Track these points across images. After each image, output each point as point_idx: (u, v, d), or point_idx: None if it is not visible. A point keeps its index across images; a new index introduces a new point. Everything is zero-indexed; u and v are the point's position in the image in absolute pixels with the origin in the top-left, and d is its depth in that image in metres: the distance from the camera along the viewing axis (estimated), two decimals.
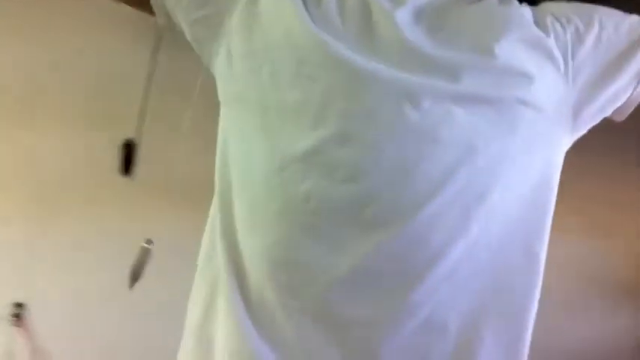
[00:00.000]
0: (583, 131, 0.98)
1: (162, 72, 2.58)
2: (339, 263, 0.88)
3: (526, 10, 0.96)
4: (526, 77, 0.90)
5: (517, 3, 0.97)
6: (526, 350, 0.94)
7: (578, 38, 0.94)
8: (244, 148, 0.96)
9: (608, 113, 0.98)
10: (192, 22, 1.01)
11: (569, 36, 0.93)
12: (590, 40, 0.94)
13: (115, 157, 2.49)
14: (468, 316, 0.89)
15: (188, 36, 1.03)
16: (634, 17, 0.99)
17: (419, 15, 0.95)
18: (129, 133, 2.50)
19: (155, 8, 1.07)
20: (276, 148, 0.93)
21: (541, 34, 0.93)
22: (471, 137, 0.88)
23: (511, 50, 0.90)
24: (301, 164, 0.91)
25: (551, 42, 0.92)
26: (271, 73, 0.93)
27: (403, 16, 0.94)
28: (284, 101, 0.93)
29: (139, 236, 2.55)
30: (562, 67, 0.92)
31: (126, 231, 2.54)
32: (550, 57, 0.92)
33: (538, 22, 0.94)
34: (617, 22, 0.98)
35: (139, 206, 2.56)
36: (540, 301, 0.95)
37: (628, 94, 0.97)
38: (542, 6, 0.99)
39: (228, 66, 0.98)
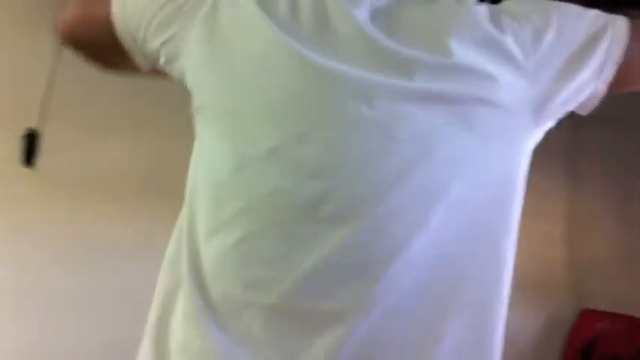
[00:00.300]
0: (547, 126, 1.00)
1: (67, 61, 2.51)
2: (305, 258, 0.89)
3: (482, 8, 0.98)
4: (482, 75, 0.92)
5: (473, 2, 0.99)
6: (496, 346, 0.95)
7: (538, 35, 0.96)
8: (210, 152, 0.98)
9: (571, 107, 1.00)
10: (161, 46, 1.02)
11: (527, 33, 0.95)
12: (549, 36, 0.96)
13: (16, 148, 2.42)
14: (433, 308, 0.91)
15: (161, 61, 1.03)
16: (593, 12, 1.02)
17: (375, 15, 0.97)
18: (31, 123, 2.44)
19: (131, 50, 1.07)
20: (239, 148, 0.95)
21: (497, 32, 0.94)
22: (428, 135, 0.90)
23: (466, 49, 0.92)
24: (264, 163, 0.92)
25: (508, 40, 0.94)
26: (231, 77, 0.96)
27: (361, 13, 0.96)
28: (245, 103, 0.95)
29: (39, 226, 2.48)
30: (522, 64, 0.94)
31: (26, 221, 2.47)
32: (508, 55, 0.93)
33: (494, 21, 0.96)
34: (577, 17, 1.00)
35: (40, 197, 2.49)
36: None
37: (590, 88, 0.99)
38: (502, 5, 1.01)
39: (194, 76, 1.00)
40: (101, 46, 1.09)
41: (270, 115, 0.94)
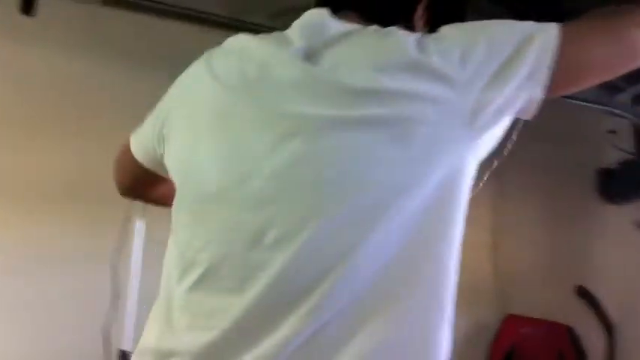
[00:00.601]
0: (487, 136, 1.04)
1: None
2: (256, 283, 0.97)
3: (410, 39, 1.03)
4: (411, 96, 0.98)
5: (398, 32, 1.06)
6: (438, 351, 1.00)
7: (466, 52, 1.00)
8: (176, 203, 1.13)
9: (509, 114, 1.05)
10: (162, 154, 1.20)
11: (455, 52, 1.00)
12: (478, 51, 1.01)
13: None
14: (368, 320, 0.96)
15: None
16: (525, 23, 1.07)
17: (311, 54, 1.05)
18: None
19: (152, 167, 1.27)
20: (195, 195, 1.08)
21: (423, 56, 1.00)
22: (365, 158, 0.97)
23: (393, 76, 0.99)
24: (215, 205, 1.04)
25: (434, 61, 0.99)
26: (193, 143, 1.11)
27: (296, 54, 1.05)
28: (200, 163, 1.08)
29: None
30: (451, 81, 0.98)
31: None
32: (436, 75, 0.99)
33: (420, 47, 1.01)
34: (506, 30, 1.06)
35: None
36: None
37: (526, 95, 1.03)
38: (436, 32, 1.07)
39: (170, 161, 1.17)
40: (141, 181, 1.34)
41: (219, 162, 1.05)
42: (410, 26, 1.15)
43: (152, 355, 1.06)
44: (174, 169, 1.15)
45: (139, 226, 1.97)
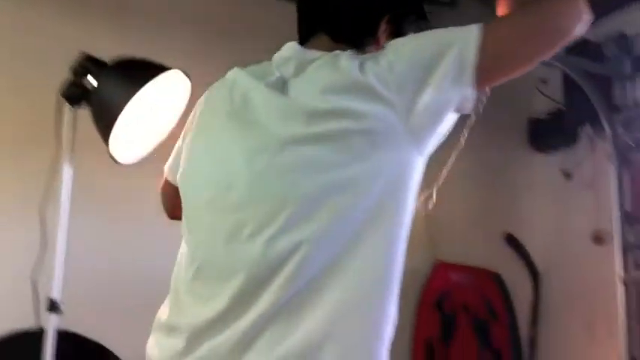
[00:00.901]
0: (429, 137, 1.17)
1: None
2: (239, 273, 1.15)
3: (353, 62, 1.19)
4: (355, 113, 1.14)
5: (349, 56, 1.21)
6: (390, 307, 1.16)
7: (392, 68, 1.15)
8: (182, 210, 1.36)
9: (445, 115, 1.16)
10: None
11: (385, 70, 1.15)
12: (402, 64, 1.15)
13: None
14: (322, 302, 1.11)
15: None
16: (447, 29, 1.19)
17: (279, 83, 1.26)
18: None
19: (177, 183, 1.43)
20: (191, 204, 1.33)
21: (362, 77, 1.15)
22: (318, 166, 1.15)
23: (339, 96, 1.16)
24: (206, 207, 1.27)
25: (369, 79, 1.15)
26: (192, 161, 1.36)
27: (267, 84, 1.26)
28: (197, 176, 1.33)
29: None
30: (385, 95, 1.13)
31: None
32: (372, 92, 1.14)
33: (361, 69, 1.17)
34: (428, 39, 1.19)
35: None
36: None
37: (457, 94, 1.15)
38: (381, 50, 1.21)
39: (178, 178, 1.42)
40: (177, 201, 1.42)
41: (210, 175, 1.29)
42: (375, 41, 1.32)
43: (163, 329, 1.27)
44: (180, 183, 1.38)
45: (67, 173, 1.92)
